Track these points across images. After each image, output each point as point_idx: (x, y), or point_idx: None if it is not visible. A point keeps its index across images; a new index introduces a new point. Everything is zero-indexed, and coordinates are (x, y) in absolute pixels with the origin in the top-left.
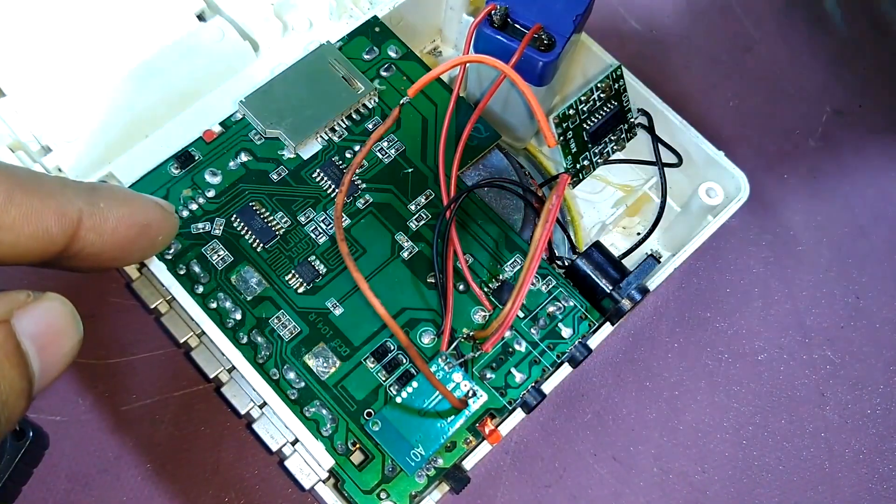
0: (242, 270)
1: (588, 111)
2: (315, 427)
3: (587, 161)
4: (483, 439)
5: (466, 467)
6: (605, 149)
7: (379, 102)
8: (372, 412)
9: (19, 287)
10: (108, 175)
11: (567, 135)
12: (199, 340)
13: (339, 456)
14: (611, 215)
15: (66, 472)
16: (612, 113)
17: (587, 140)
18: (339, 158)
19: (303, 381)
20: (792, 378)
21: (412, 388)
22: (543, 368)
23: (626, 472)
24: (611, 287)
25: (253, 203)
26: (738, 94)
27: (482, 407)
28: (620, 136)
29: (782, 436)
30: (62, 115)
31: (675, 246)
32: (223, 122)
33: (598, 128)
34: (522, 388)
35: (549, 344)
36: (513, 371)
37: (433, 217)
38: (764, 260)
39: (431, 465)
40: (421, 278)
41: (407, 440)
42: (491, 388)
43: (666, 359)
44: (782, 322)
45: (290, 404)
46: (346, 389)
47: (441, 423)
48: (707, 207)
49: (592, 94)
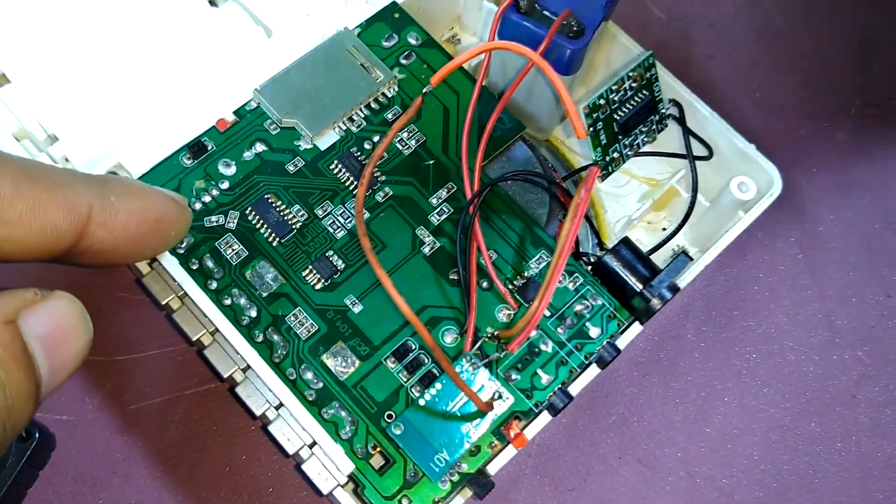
0: (258, 265)
1: (619, 101)
2: (334, 429)
3: (617, 153)
4: (508, 443)
5: (490, 472)
6: (636, 141)
7: (399, 91)
8: (393, 414)
9: (24, 284)
10: (116, 166)
11: (597, 126)
12: (212, 338)
13: (358, 460)
14: (636, 210)
15: (73, 473)
16: (644, 103)
17: (617, 131)
18: (358, 149)
19: (321, 381)
20: (822, 379)
21: (436, 389)
22: (571, 369)
23: (652, 475)
24: (641, 285)
25: (268, 195)
26: (765, 86)
27: (508, 410)
28: (651, 128)
29: (812, 439)
30: (69, 103)
31: (703, 242)
32: (237, 111)
33: (629, 119)
34: (549, 390)
35: (576, 344)
36: (539, 372)
37: (455, 211)
38: (792, 256)
39: (455, 470)
40: (443, 275)
41: (430, 444)
42: (517, 389)
43: (692, 358)
44: (811, 321)
45: (307, 405)
46: (366, 390)
47: (466, 427)
48: (738, 202)
49: (623, 84)
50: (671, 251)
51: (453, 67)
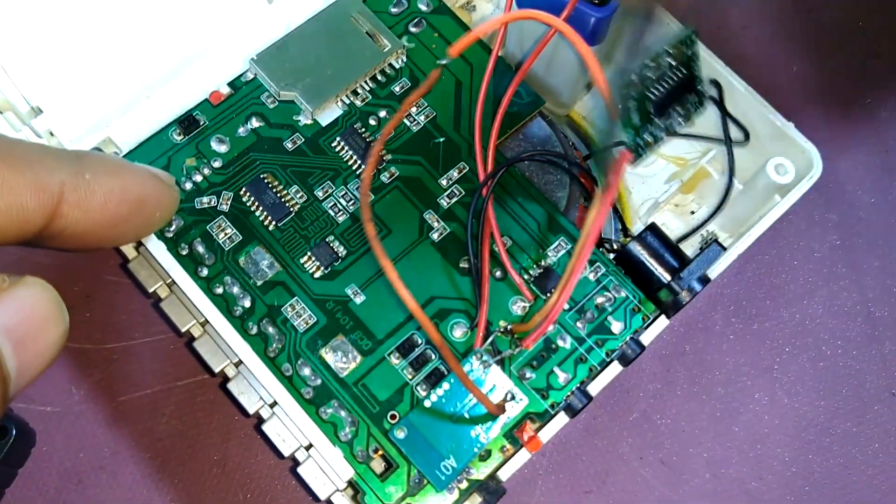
0: (252, 251)
1: (655, 79)
2: (332, 431)
3: (650, 136)
4: (521, 447)
5: (502, 478)
6: (671, 122)
7: (407, 62)
8: (396, 415)
9: (1, 267)
10: (105, 140)
11: (627, 105)
12: (202, 330)
13: (358, 464)
14: (664, 192)
15: (58, 468)
16: (680, 82)
17: (651, 112)
18: (362, 125)
19: (319, 378)
20: (859, 375)
21: (443, 389)
22: (590, 367)
23: (676, 477)
24: (669, 277)
25: (265, 175)
26: (802, 59)
27: (522, 411)
28: (689, 109)
29: (848, 439)
30: (55, 73)
31: (734, 227)
32: (232, 83)
33: (664, 98)
34: (566, 390)
35: (597, 340)
36: (556, 370)
37: (467, 193)
38: (829, 243)
39: (464, 476)
40: (452, 263)
41: (437, 450)
42: (531, 389)
43: (720, 352)
44: (849, 313)
45: (304, 404)
46: (368, 388)
47: (475, 431)
48: (775, 186)
49: (661, 60)
50: (700, 237)
51: (475, 38)
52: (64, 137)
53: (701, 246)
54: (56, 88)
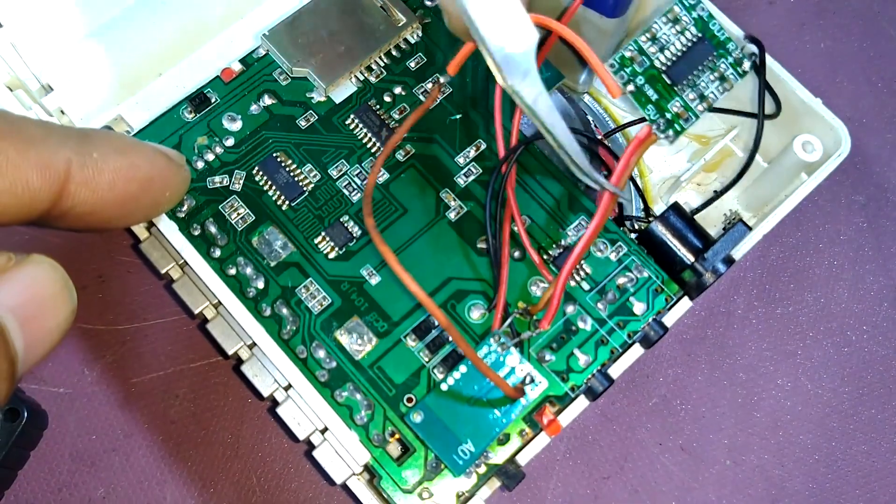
0: (265, 232)
1: (658, 49)
2: (348, 414)
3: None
4: (540, 430)
5: (521, 462)
6: (707, 91)
7: (423, 37)
8: (413, 398)
9: (10, 246)
10: (116, 119)
11: (636, 81)
12: (215, 311)
13: (374, 448)
14: (686, 170)
15: (71, 450)
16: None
17: (670, 83)
18: (377, 102)
19: (334, 360)
20: (885, 361)
21: (460, 372)
22: (611, 350)
23: (696, 463)
24: (693, 257)
25: (277, 154)
26: (831, 36)
27: (541, 394)
28: (725, 73)
29: (872, 427)
30: (65, 50)
31: (757, 207)
32: (244, 60)
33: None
34: (587, 373)
35: (618, 321)
36: (576, 353)
37: (484, 172)
38: (856, 226)
39: (482, 461)
40: (470, 243)
41: (454, 434)
42: (551, 371)
43: (742, 336)
44: (876, 297)
45: (319, 387)
46: (384, 371)
47: (493, 415)
48: (802, 164)
49: (656, 29)
50: (723, 216)
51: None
52: (74, 115)
53: (724, 226)
54: (66, 66)
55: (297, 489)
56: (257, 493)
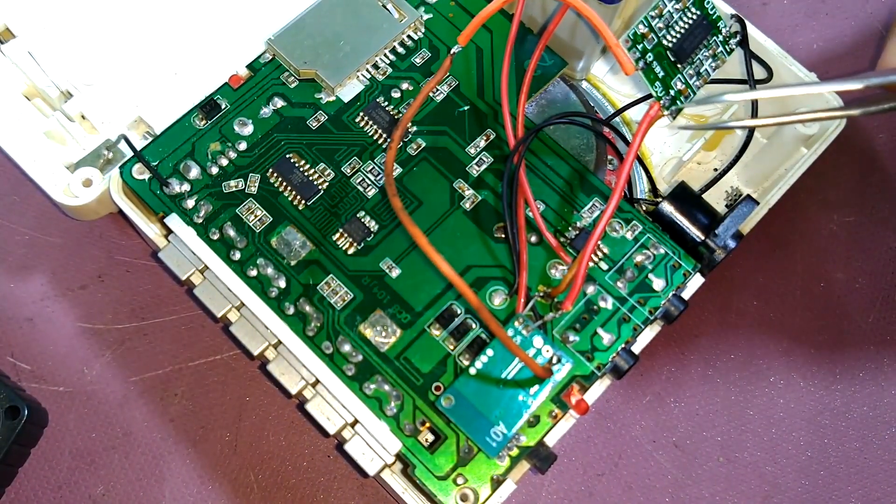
0: (284, 232)
1: (665, 26)
2: (377, 406)
3: (682, 84)
4: (569, 410)
5: (549, 443)
6: (702, 67)
7: (426, 32)
8: (441, 386)
9: (17, 249)
10: (137, 120)
11: (646, 58)
12: (239, 314)
13: (406, 437)
14: (687, 150)
15: (70, 448)
16: (696, 23)
17: (674, 60)
18: (385, 99)
19: (360, 354)
20: (876, 358)
21: (487, 356)
22: (634, 326)
23: (689, 460)
24: (703, 235)
25: (290, 155)
26: (824, 36)
27: (567, 375)
28: (717, 50)
29: (865, 423)
30: (80, 55)
31: (758, 182)
32: (251, 65)
33: (683, 43)
34: (611, 351)
35: (639, 298)
36: (599, 332)
37: (496, 160)
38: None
39: (514, 443)
40: (486, 231)
41: (486, 417)
42: (575, 352)
43: (736, 334)
44: (873, 287)
45: (346, 381)
46: (410, 361)
47: (523, 396)
48: (801, 138)
49: (664, 6)
50: (724, 193)
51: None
52: (96, 120)
53: (727, 203)
54: (83, 71)
55: (295, 486)
56: (255, 490)
